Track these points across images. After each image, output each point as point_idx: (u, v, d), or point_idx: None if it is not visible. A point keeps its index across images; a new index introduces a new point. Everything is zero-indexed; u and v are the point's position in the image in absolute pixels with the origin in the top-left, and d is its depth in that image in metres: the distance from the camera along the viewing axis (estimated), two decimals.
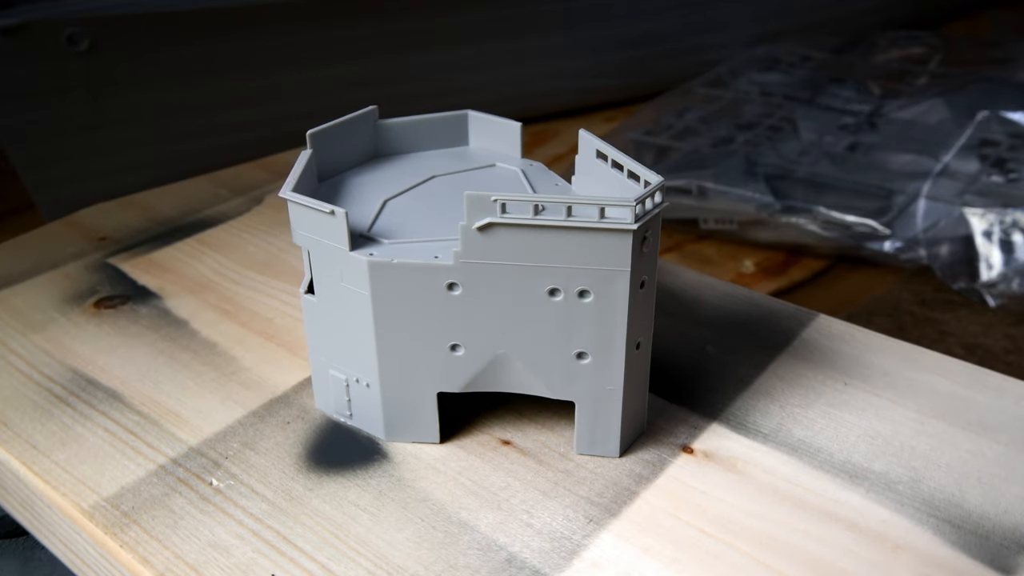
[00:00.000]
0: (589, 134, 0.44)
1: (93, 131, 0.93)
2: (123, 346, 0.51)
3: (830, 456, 0.42)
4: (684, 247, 0.94)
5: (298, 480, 0.41)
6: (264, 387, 0.48)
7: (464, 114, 0.51)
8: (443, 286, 0.39)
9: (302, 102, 1.05)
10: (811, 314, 0.53)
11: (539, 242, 0.37)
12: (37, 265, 0.60)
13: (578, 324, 0.39)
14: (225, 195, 0.69)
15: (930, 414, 0.45)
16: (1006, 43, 1.28)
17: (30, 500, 0.44)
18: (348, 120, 0.47)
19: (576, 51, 1.24)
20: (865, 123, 1.07)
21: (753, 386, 0.47)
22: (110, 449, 0.44)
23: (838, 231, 0.90)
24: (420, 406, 0.42)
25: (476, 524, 0.39)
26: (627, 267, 0.37)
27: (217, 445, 0.44)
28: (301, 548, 0.38)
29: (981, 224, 0.86)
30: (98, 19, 0.89)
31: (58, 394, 0.48)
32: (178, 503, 0.40)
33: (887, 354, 0.49)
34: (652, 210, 0.38)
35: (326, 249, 0.40)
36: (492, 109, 0.52)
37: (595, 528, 0.39)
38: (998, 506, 0.40)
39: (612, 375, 0.40)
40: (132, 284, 0.58)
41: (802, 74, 1.21)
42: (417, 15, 1.10)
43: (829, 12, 1.43)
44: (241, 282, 0.57)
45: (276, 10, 1.00)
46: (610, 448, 0.42)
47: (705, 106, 1.14)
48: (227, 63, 1.00)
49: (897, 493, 0.40)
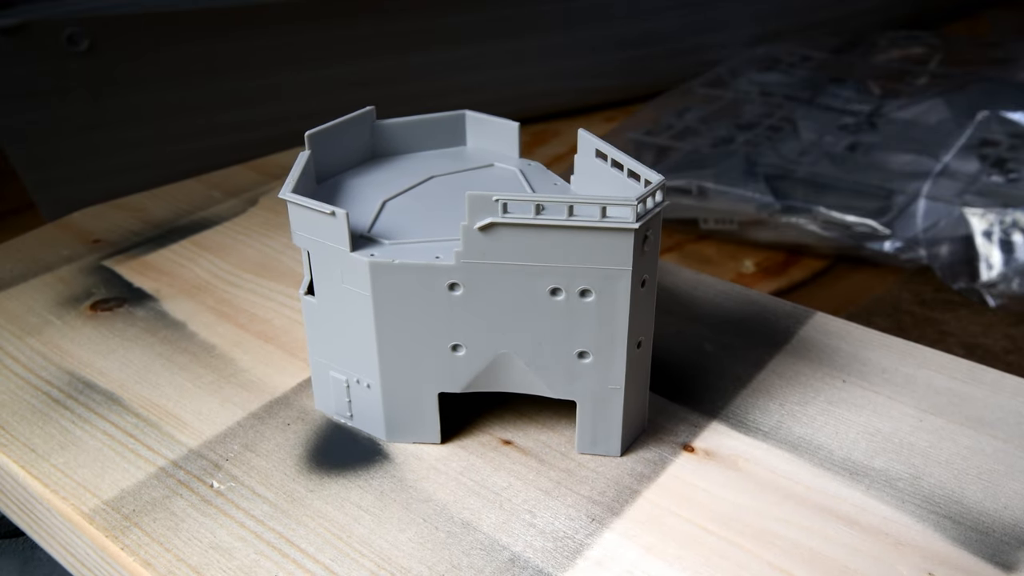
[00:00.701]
0: (588, 134, 0.44)
1: (93, 131, 0.93)
2: (120, 349, 0.51)
3: (830, 453, 0.42)
4: (684, 247, 0.94)
5: (299, 482, 0.41)
6: (263, 389, 0.48)
7: (461, 114, 0.50)
8: (444, 286, 0.39)
9: (302, 102, 1.05)
10: (809, 312, 0.53)
11: (540, 242, 0.37)
12: (30, 268, 0.60)
13: (579, 323, 0.39)
14: (218, 197, 0.69)
15: (928, 410, 0.45)
16: (1006, 43, 1.28)
17: (29, 504, 0.44)
18: (346, 121, 0.47)
19: (576, 51, 1.24)
20: (865, 123, 1.07)
21: (752, 384, 0.47)
22: (110, 452, 0.44)
23: (838, 231, 0.90)
24: (421, 406, 0.42)
25: (479, 524, 0.39)
26: (628, 266, 0.37)
27: (217, 447, 0.44)
28: (304, 549, 0.38)
29: (981, 224, 0.86)
30: (98, 19, 0.89)
31: (56, 397, 0.47)
32: (179, 505, 0.40)
33: (885, 351, 0.49)
34: (653, 209, 0.38)
35: (326, 250, 0.40)
36: (492, 109, 0.52)
37: (598, 527, 0.39)
38: (998, 502, 0.40)
39: (613, 374, 0.40)
40: (128, 286, 0.57)
41: (802, 74, 1.21)
42: (417, 15, 1.10)
43: (829, 12, 1.43)
44: (238, 284, 0.57)
45: (276, 10, 1.00)
46: (611, 447, 0.42)
47: (705, 106, 1.14)
48: (227, 63, 0.99)
49: (897, 490, 0.40)
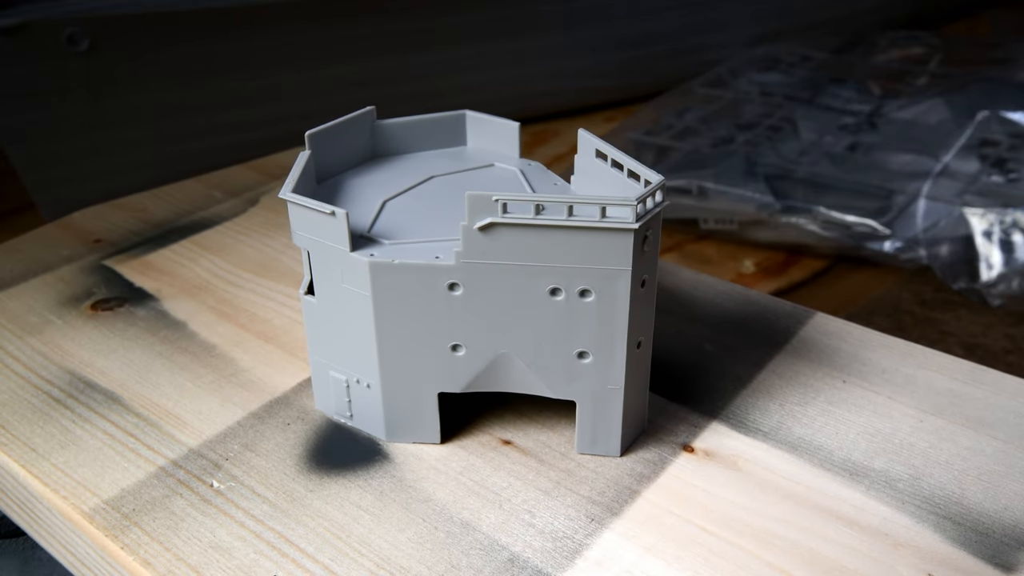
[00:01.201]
0: (588, 134, 0.44)
1: (93, 131, 0.93)
2: (121, 348, 0.51)
3: (830, 454, 0.42)
4: (684, 247, 0.94)
5: (299, 481, 0.41)
6: (263, 388, 0.48)
7: (462, 114, 0.50)
8: (444, 286, 0.39)
9: (302, 102, 1.05)
10: (809, 312, 0.53)
11: (540, 242, 0.37)
12: (31, 268, 0.60)
13: (579, 323, 0.39)
14: (218, 197, 0.69)
15: (929, 411, 0.45)
16: (1006, 43, 1.28)
17: (30, 503, 0.44)
18: (346, 121, 0.47)
19: (576, 51, 1.24)
20: (865, 123, 1.07)
21: (752, 384, 0.47)
22: (110, 451, 0.44)
23: (838, 231, 0.90)
24: (421, 406, 0.42)
25: (478, 524, 0.39)
26: (628, 266, 0.37)
27: (217, 447, 0.44)
28: (303, 549, 0.38)
29: (981, 224, 0.86)
30: (98, 19, 0.89)
31: (56, 397, 0.47)
32: (179, 505, 0.40)
33: (885, 351, 0.49)
34: (653, 209, 0.38)
35: (326, 250, 0.40)
36: (492, 109, 0.52)
37: (597, 527, 0.39)
38: (998, 503, 0.40)
39: (613, 374, 0.40)
40: (128, 286, 0.57)
41: (802, 74, 1.21)
42: (417, 15, 1.10)
43: (829, 12, 1.43)
44: (238, 284, 0.57)
45: (276, 10, 1.00)
46: (611, 447, 0.42)
47: (705, 106, 1.14)
48: (227, 63, 1.00)
49: (897, 490, 0.40)
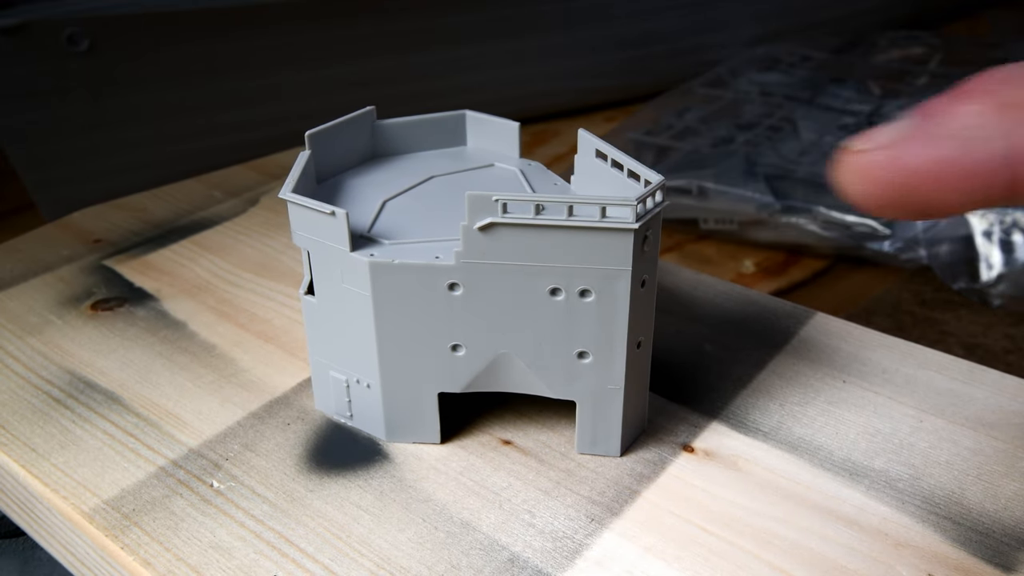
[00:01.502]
0: (588, 133, 0.44)
1: (93, 131, 0.93)
2: (121, 348, 0.51)
3: (830, 454, 0.42)
4: (684, 247, 0.94)
5: (299, 481, 0.41)
6: (264, 388, 0.48)
7: (461, 114, 0.50)
8: (444, 286, 0.39)
9: (302, 102, 1.05)
10: (809, 312, 0.53)
11: (540, 242, 0.37)
12: (30, 268, 0.60)
13: (579, 323, 0.39)
14: (218, 197, 0.69)
15: (929, 411, 0.45)
16: (1006, 43, 1.28)
17: (29, 503, 0.44)
18: (346, 121, 0.47)
19: (576, 51, 1.24)
20: (865, 123, 1.07)
21: (752, 384, 0.47)
22: (110, 451, 0.44)
23: (838, 231, 0.90)
24: (421, 407, 0.42)
25: (478, 524, 0.39)
26: (628, 266, 0.37)
27: (217, 447, 0.44)
28: (303, 549, 0.38)
29: (981, 224, 0.86)
30: (98, 19, 0.88)
31: (56, 397, 0.48)
32: (179, 505, 0.40)
33: (885, 351, 0.49)
34: (653, 209, 0.38)
35: (326, 250, 0.40)
36: (492, 109, 0.52)
37: (597, 527, 0.39)
38: (998, 503, 0.40)
39: (613, 374, 0.40)
40: (128, 286, 0.57)
41: (802, 74, 1.21)
42: (417, 15, 1.10)
43: (829, 12, 1.43)
44: (238, 284, 0.57)
45: (276, 10, 1.00)
46: (611, 447, 0.42)
47: (705, 106, 1.14)
48: (227, 63, 0.99)
49: (897, 490, 0.40)
